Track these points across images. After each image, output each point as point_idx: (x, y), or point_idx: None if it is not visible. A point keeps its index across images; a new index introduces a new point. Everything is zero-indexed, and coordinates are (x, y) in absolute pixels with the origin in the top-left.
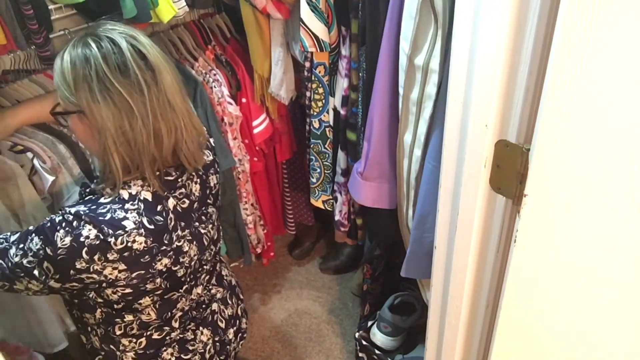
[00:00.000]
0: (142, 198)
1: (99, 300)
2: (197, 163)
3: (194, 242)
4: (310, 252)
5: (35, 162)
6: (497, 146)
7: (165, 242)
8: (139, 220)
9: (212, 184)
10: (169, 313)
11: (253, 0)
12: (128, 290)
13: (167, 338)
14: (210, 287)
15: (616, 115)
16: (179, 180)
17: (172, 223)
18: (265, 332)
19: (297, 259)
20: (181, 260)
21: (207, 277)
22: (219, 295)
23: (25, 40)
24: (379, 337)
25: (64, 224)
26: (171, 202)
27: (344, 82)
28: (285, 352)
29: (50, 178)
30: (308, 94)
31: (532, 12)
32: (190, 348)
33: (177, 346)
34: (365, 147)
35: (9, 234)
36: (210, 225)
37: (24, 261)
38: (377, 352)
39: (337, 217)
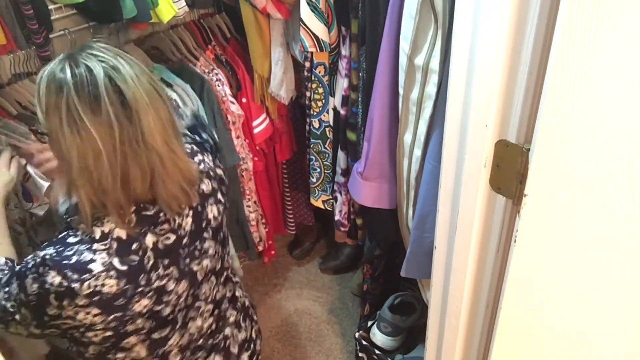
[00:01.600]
0: (115, 236)
1: (84, 340)
2: (179, 207)
3: (183, 280)
4: (310, 252)
5: (29, 168)
6: (497, 146)
7: (142, 282)
8: (108, 261)
9: (210, 216)
10: (162, 350)
11: (253, 0)
12: (109, 333)
13: None
14: (221, 312)
15: (616, 115)
16: (160, 214)
17: (151, 261)
18: (265, 332)
19: (297, 259)
20: (165, 299)
21: (209, 307)
22: (232, 319)
23: (25, 40)
24: (379, 337)
25: (33, 269)
26: (150, 239)
27: (344, 82)
28: (285, 352)
29: (45, 184)
30: (308, 94)
31: (532, 12)
32: None
33: None
34: (365, 147)
35: (5, 269)
36: (207, 260)
37: (8, 305)
38: (377, 352)
39: (337, 217)
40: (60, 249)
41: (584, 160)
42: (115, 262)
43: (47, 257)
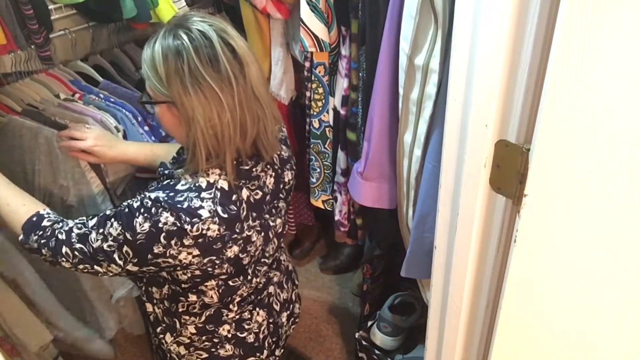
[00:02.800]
0: (219, 187)
1: (169, 278)
2: (273, 152)
3: (262, 234)
4: (310, 252)
5: None
6: (497, 146)
7: (237, 230)
8: (214, 209)
9: (286, 180)
10: (229, 297)
11: (253, 0)
12: (197, 273)
13: (225, 316)
14: (269, 272)
15: (616, 115)
16: (253, 170)
17: (245, 213)
18: None
19: (297, 259)
20: (248, 249)
21: (265, 268)
22: (275, 279)
23: (25, 40)
24: (379, 337)
25: (142, 210)
26: (245, 193)
27: (344, 82)
28: (285, 351)
29: None
30: (308, 94)
31: (532, 12)
32: (246, 327)
33: (234, 324)
34: (365, 147)
35: (84, 218)
36: (279, 220)
37: (104, 245)
38: (377, 352)
39: (337, 217)
40: (171, 194)
41: (584, 160)
42: (219, 210)
43: (160, 199)
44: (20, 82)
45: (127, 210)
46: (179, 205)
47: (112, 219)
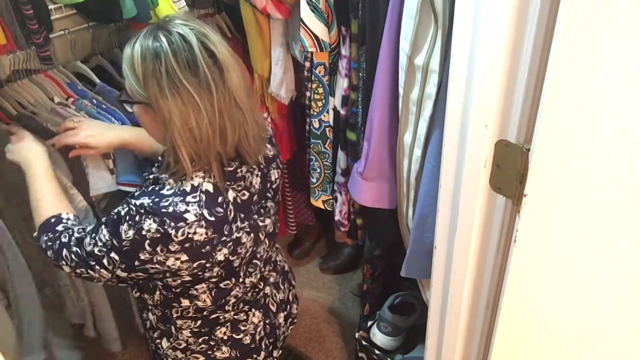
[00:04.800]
0: (204, 189)
1: (159, 283)
2: (257, 156)
3: (251, 234)
4: (310, 252)
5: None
6: (497, 146)
7: (225, 233)
8: (200, 212)
9: (273, 179)
10: (223, 300)
11: (253, 0)
12: (187, 278)
13: (221, 318)
14: (264, 272)
15: (616, 114)
16: (238, 171)
17: (232, 214)
18: None
19: (297, 259)
20: (238, 251)
21: (258, 269)
22: (272, 280)
23: (25, 40)
24: (379, 337)
25: (127, 217)
26: (231, 194)
27: (344, 82)
28: (285, 351)
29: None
30: (308, 94)
31: (532, 12)
32: (242, 328)
33: (230, 326)
34: (365, 147)
35: (86, 225)
36: (268, 220)
37: (95, 250)
38: (377, 352)
39: (337, 217)
40: (156, 199)
41: (584, 160)
42: (205, 213)
43: (145, 205)
44: (18, 83)
45: (115, 217)
46: (163, 210)
47: (103, 225)
